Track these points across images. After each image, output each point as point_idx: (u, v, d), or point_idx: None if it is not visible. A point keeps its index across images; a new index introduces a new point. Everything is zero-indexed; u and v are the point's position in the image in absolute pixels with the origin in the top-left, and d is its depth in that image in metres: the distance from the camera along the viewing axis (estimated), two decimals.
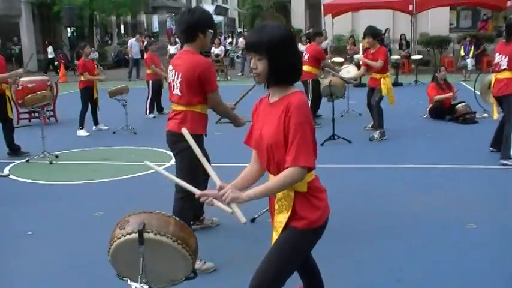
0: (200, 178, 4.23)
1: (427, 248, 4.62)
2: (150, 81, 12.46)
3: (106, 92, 10.68)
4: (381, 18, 19.73)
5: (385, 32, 22.07)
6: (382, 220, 5.31)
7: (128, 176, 7.29)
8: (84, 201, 6.32)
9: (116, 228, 2.51)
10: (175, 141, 4.34)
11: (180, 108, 4.37)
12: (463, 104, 10.65)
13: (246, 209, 2.61)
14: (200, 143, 4.29)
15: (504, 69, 7.07)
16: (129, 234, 2.41)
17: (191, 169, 4.21)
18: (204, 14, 4.40)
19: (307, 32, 23.48)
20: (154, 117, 12.36)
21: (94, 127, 10.92)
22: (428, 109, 11.01)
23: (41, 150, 8.31)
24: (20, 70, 8.94)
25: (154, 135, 9.33)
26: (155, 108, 12.72)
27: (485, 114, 10.68)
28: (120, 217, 2.59)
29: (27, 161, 8.35)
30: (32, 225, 5.48)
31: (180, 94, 4.34)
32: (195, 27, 4.28)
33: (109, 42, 36.79)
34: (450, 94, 10.75)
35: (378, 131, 9.06)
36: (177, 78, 4.34)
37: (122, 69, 26.47)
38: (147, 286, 2.48)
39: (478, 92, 10.73)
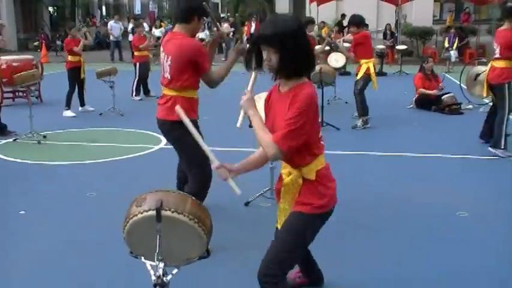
0: (204, 160, 4.22)
1: (418, 235, 4.68)
2: (138, 64, 12.39)
3: (93, 73, 10.57)
4: (365, 8, 19.76)
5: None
6: (370, 208, 5.35)
7: (117, 158, 7.26)
8: (76, 181, 6.27)
9: (132, 206, 2.50)
10: (168, 130, 4.29)
11: (170, 93, 4.26)
12: (450, 94, 10.77)
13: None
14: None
15: (498, 58, 7.17)
16: (147, 211, 2.41)
17: (192, 156, 4.18)
18: (204, 2, 4.36)
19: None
20: (141, 99, 12.28)
21: (80, 108, 10.82)
22: (414, 99, 11.11)
23: (28, 130, 8.22)
24: None
25: (141, 118, 9.29)
26: (141, 91, 12.63)
27: (470, 106, 10.85)
28: (113, 198, 2.57)
29: (14, 140, 8.26)
30: (24, 205, 5.43)
31: (169, 78, 4.23)
32: (194, 11, 4.23)
33: (90, 24, 36.29)
34: (435, 91, 10.77)
35: (360, 119, 9.12)
36: (167, 61, 4.23)
37: (104, 51, 26.22)
38: (162, 263, 2.49)
39: (463, 86, 10.86)
